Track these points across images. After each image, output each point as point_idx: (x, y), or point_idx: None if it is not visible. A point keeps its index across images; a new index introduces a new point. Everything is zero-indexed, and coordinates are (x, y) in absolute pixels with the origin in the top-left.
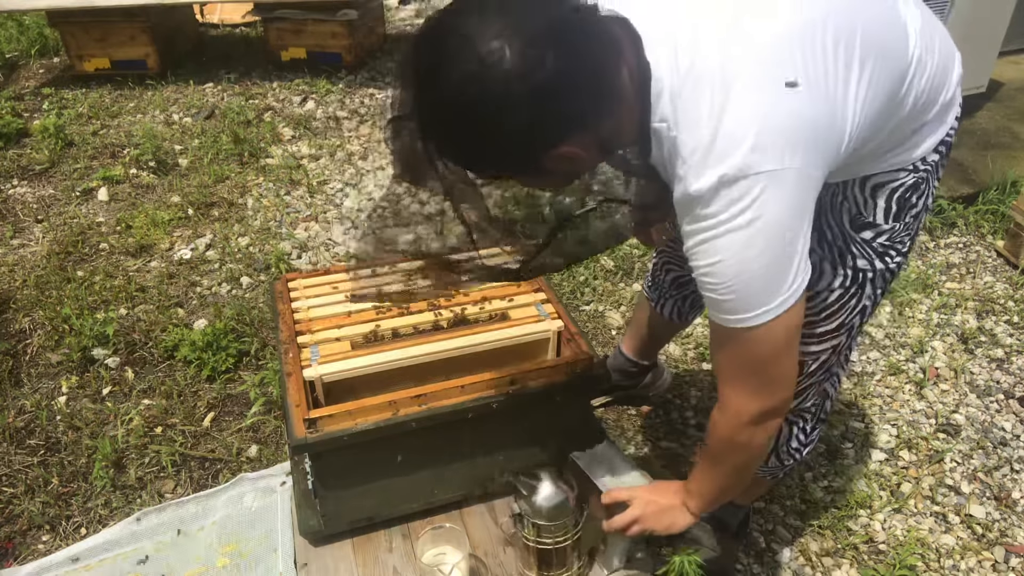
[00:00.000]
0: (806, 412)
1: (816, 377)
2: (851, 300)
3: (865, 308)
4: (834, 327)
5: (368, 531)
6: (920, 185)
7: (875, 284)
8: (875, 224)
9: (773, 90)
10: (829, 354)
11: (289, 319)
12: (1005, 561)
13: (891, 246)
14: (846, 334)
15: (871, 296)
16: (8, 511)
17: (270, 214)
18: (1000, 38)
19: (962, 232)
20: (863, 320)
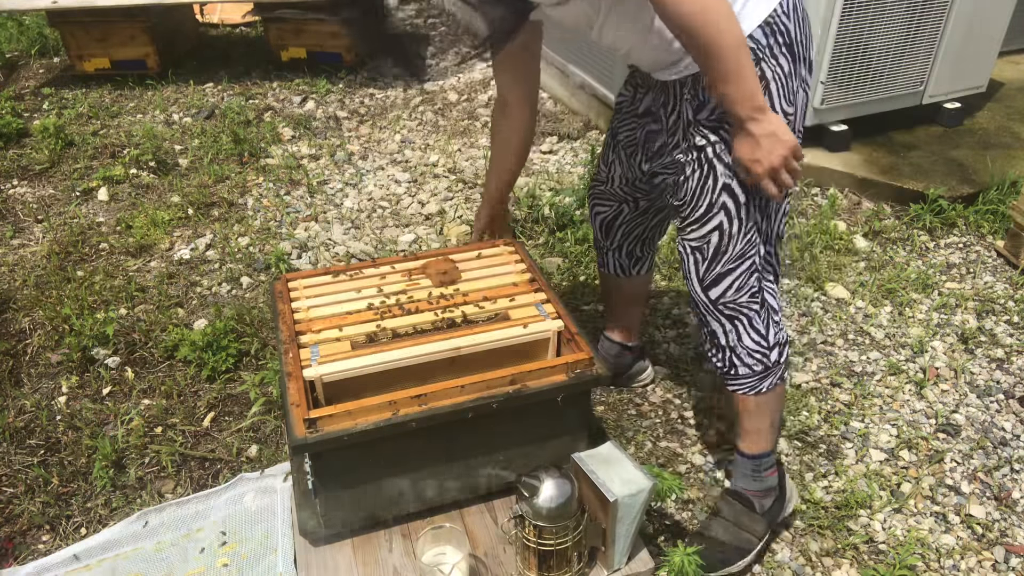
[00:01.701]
0: (740, 306)
1: (721, 261)
2: (706, 182)
3: (727, 185)
4: (704, 210)
5: (368, 531)
6: None
7: (722, 160)
8: (707, 102)
9: None
10: (719, 236)
11: (289, 319)
12: (1005, 561)
13: (722, 120)
14: (723, 213)
15: (726, 173)
16: (8, 511)
17: (270, 214)
18: (1000, 38)
19: (962, 232)
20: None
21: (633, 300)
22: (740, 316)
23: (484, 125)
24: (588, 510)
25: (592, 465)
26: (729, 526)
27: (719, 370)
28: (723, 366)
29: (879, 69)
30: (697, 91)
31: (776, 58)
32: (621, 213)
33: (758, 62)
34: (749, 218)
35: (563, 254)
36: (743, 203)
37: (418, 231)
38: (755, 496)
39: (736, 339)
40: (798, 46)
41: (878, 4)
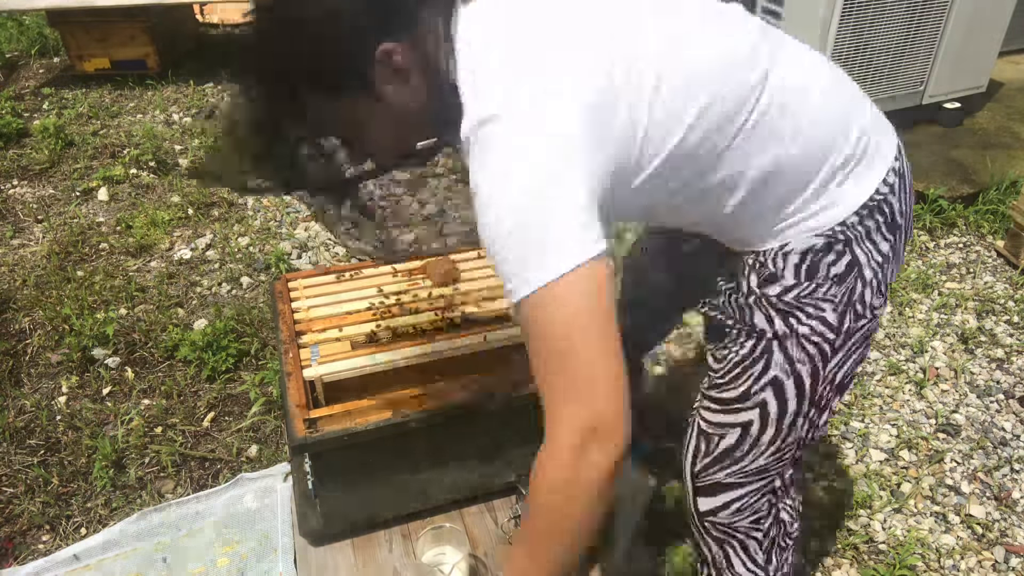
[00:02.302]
0: (736, 530)
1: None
2: (754, 365)
3: (778, 382)
4: (738, 395)
5: (368, 531)
6: (836, 246)
7: (785, 351)
8: (781, 278)
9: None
10: (740, 436)
11: (289, 319)
12: (1005, 561)
13: (798, 307)
14: (757, 412)
15: (784, 368)
16: (8, 511)
17: (270, 214)
18: (1000, 38)
19: (962, 232)
20: (783, 404)
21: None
22: (733, 541)
23: None
24: None
25: None
26: None
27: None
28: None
29: (879, 69)
30: (768, 259)
31: (874, 241)
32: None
33: (848, 244)
34: (792, 431)
35: None
36: (792, 411)
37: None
38: None
39: (724, 565)
40: (902, 217)
41: (878, 4)
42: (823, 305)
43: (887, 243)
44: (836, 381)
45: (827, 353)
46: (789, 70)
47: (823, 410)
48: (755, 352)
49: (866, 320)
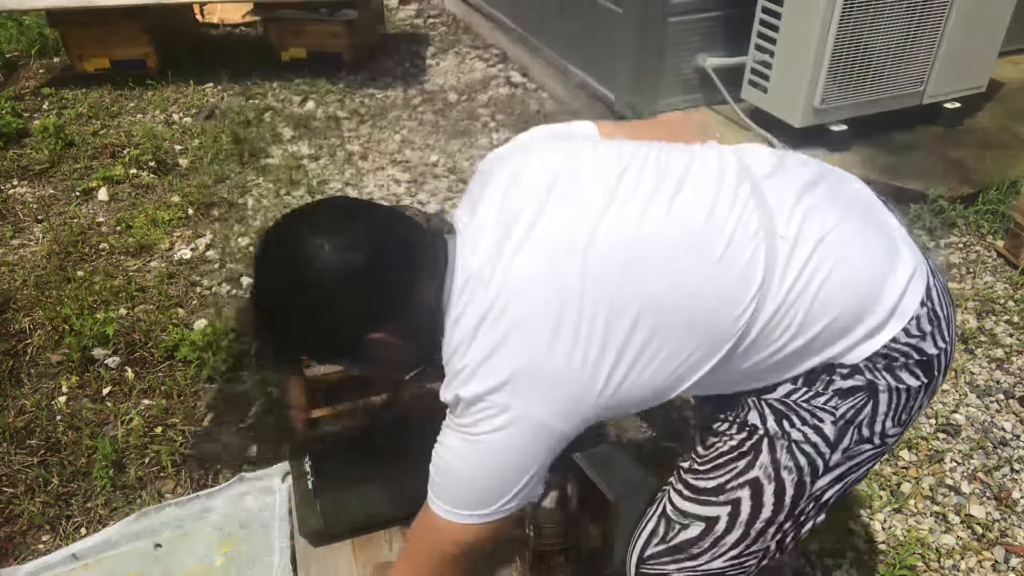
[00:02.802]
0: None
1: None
2: (738, 460)
3: (758, 483)
4: (713, 487)
5: (368, 531)
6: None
7: (774, 454)
8: (780, 384)
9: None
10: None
11: None
12: (1005, 561)
13: (795, 410)
14: (728, 510)
15: (768, 472)
16: (8, 511)
17: (270, 214)
18: (1000, 38)
19: (962, 232)
20: (757, 509)
21: None
22: None
23: (484, 125)
24: (588, 510)
25: (592, 465)
26: None
27: None
28: None
29: (879, 69)
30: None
31: (897, 376)
32: None
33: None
34: (757, 540)
35: None
36: (764, 518)
37: None
38: None
39: None
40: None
41: (878, 4)
42: (821, 415)
43: (915, 378)
44: (822, 500)
45: (818, 468)
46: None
47: (799, 527)
48: (743, 447)
49: (871, 446)
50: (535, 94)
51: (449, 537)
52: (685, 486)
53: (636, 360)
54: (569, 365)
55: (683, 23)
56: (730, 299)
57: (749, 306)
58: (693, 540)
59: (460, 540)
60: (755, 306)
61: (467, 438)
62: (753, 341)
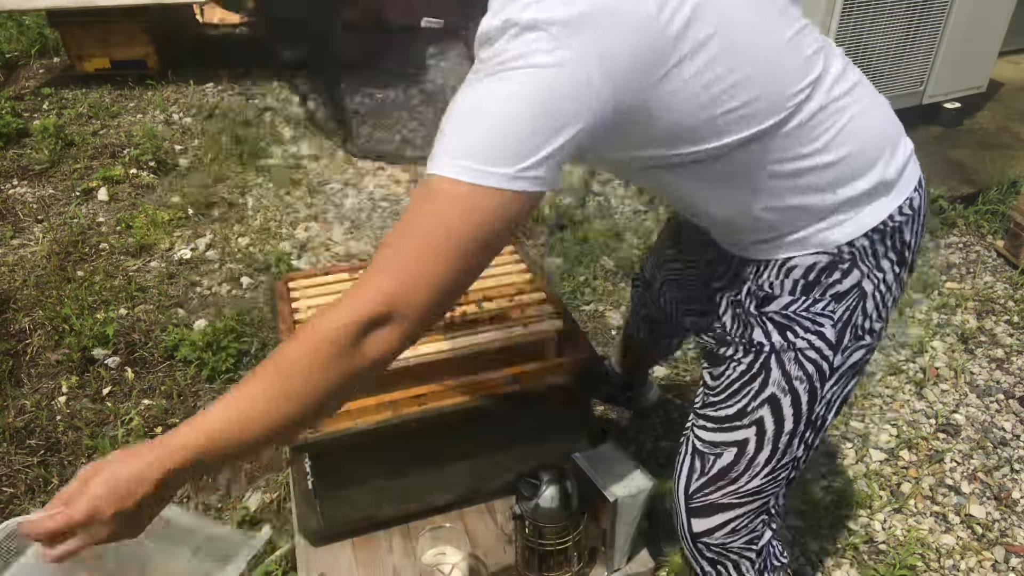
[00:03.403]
0: (730, 551)
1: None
2: (752, 382)
3: (775, 399)
4: (734, 412)
5: (368, 531)
6: (840, 263)
7: (783, 368)
8: (779, 296)
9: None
10: (736, 455)
11: (289, 319)
12: (1005, 561)
13: (796, 320)
14: (754, 431)
15: (782, 386)
16: (8, 511)
17: (270, 214)
18: (1000, 38)
19: (962, 232)
20: (780, 423)
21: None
22: (726, 561)
23: None
24: (588, 510)
25: (592, 465)
26: None
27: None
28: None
29: (879, 69)
30: (764, 280)
31: (882, 268)
32: (657, 324)
33: (854, 264)
34: (787, 451)
35: (563, 254)
36: (788, 430)
37: None
38: None
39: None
40: (909, 252)
41: (878, 4)
42: (821, 320)
43: (893, 272)
44: (832, 402)
45: (825, 372)
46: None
47: (818, 431)
48: (753, 368)
49: (865, 343)
50: None
51: (457, 205)
52: (707, 420)
53: (701, 71)
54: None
55: None
56: (790, 76)
57: (803, 91)
58: (729, 466)
59: (470, 208)
60: (807, 94)
61: (507, 74)
62: (793, 131)
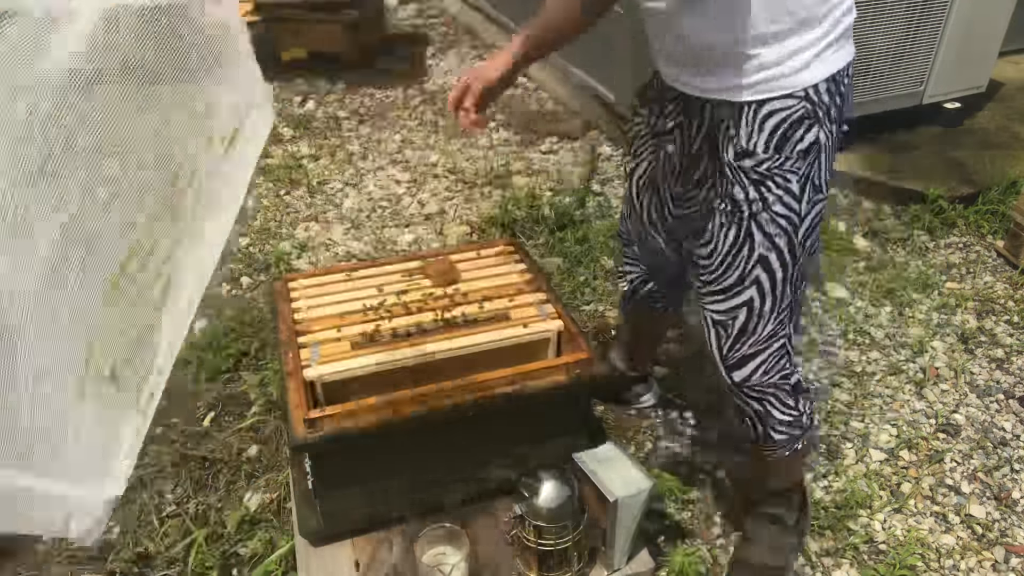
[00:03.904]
0: (767, 387)
1: (750, 342)
2: (741, 250)
3: (763, 257)
4: (734, 280)
5: (368, 531)
6: (806, 120)
7: (763, 230)
8: (753, 152)
9: None
10: (747, 313)
11: (289, 319)
12: (1005, 561)
13: (769, 176)
14: (755, 289)
15: (766, 245)
16: None
17: (270, 214)
18: (1000, 38)
19: (962, 232)
20: (773, 275)
21: (650, 335)
22: (768, 397)
23: None
24: (588, 510)
25: (592, 465)
26: (769, 549)
27: (751, 441)
28: (756, 437)
29: (879, 69)
30: (741, 127)
31: (831, 124)
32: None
33: (816, 121)
34: (784, 296)
35: (563, 254)
36: (780, 279)
37: (418, 231)
38: (785, 515)
39: (766, 415)
40: (845, 112)
41: (878, 4)
42: (789, 177)
43: (836, 129)
44: (807, 245)
45: (796, 223)
46: None
47: (802, 273)
48: (739, 238)
49: (822, 195)
50: (535, 94)
51: None
52: (714, 293)
53: None
54: None
55: None
56: None
57: None
58: (745, 323)
59: None
60: None
61: None
62: None
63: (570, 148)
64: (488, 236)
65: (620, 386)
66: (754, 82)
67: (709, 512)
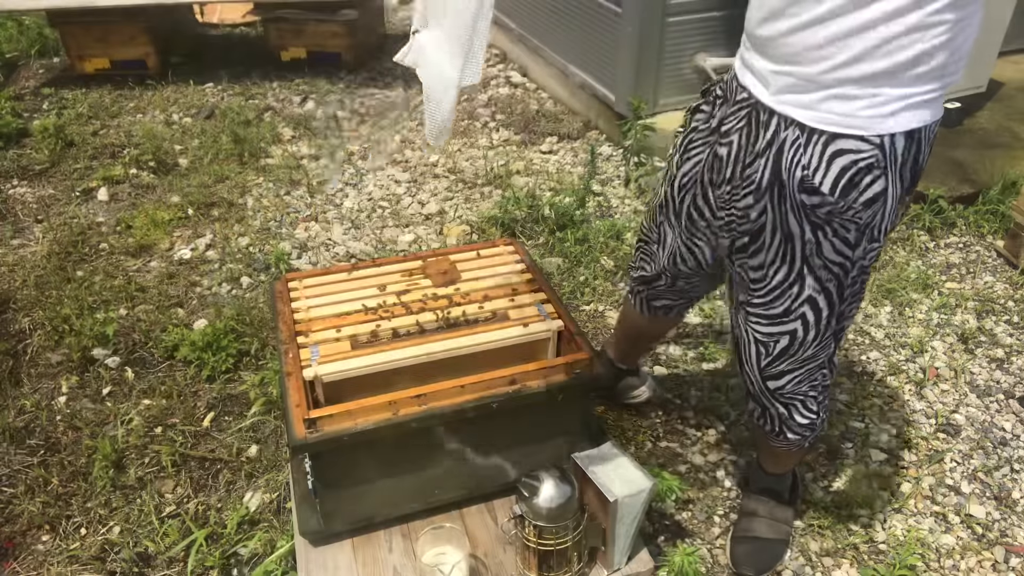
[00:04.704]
0: (797, 394)
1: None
2: (790, 288)
3: (812, 299)
4: (781, 311)
5: (368, 531)
6: (875, 168)
7: (815, 274)
8: (819, 190)
9: None
10: (790, 340)
11: (289, 319)
12: (1005, 561)
13: (828, 221)
14: (800, 323)
15: (815, 288)
16: (8, 511)
17: (270, 214)
18: (1000, 38)
19: (962, 232)
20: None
21: (647, 335)
22: (795, 402)
23: (484, 125)
24: (588, 510)
25: (592, 465)
26: (769, 522)
27: (764, 432)
28: (771, 431)
29: None
30: (811, 158)
31: (903, 177)
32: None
33: (884, 172)
34: (828, 327)
35: (563, 254)
36: (826, 315)
37: (418, 231)
38: (781, 490)
39: (788, 418)
40: (920, 171)
41: None
42: (849, 226)
43: (904, 184)
44: (856, 288)
45: (848, 269)
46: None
47: (852, 305)
48: (789, 276)
49: (878, 244)
50: (535, 94)
51: None
52: (759, 316)
53: None
54: None
55: (683, 23)
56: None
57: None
58: (786, 347)
59: None
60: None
61: None
62: None
63: (570, 148)
64: (488, 236)
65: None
66: (834, 112)
67: (709, 512)
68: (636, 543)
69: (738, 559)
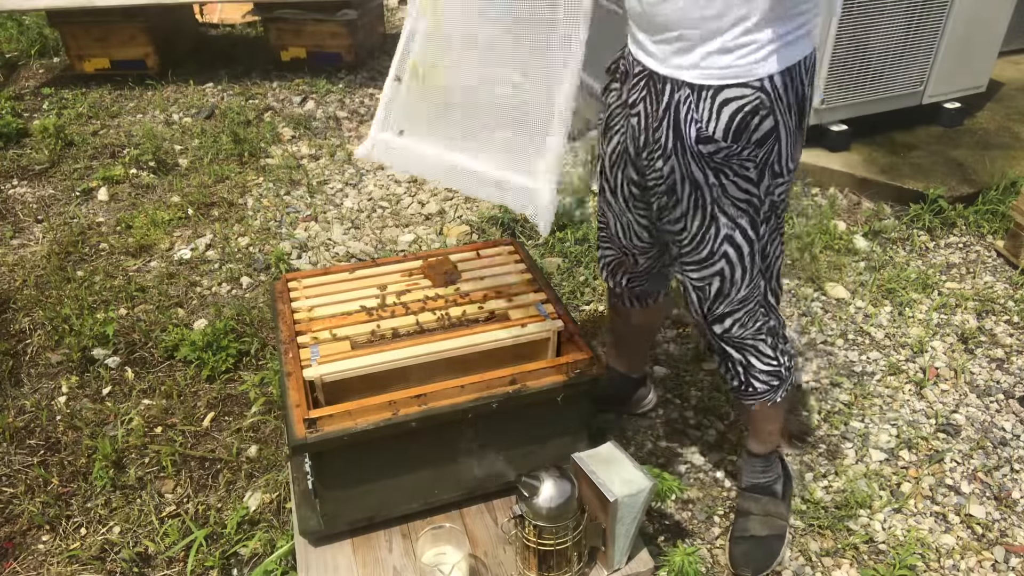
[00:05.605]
0: (746, 338)
1: (725, 302)
2: (707, 231)
3: (729, 236)
4: (705, 255)
5: (368, 531)
6: (762, 108)
7: (726, 213)
8: (713, 139)
9: None
10: (721, 280)
11: (289, 319)
12: (1005, 561)
13: (727, 163)
14: (725, 261)
15: (729, 225)
16: (8, 511)
17: (270, 214)
18: (1000, 38)
19: (962, 232)
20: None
21: (642, 331)
22: (748, 347)
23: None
24: (588, 510)
25: (592, 465)
26: (763, 519)
27: (734, 388)
28: (738, 384)
29: (879, 69)
30: (703, 111)
31: (789, 114)
32: (624, 263)
33: (770, 112)
34: (753, 264)
35: (563, 254)
36: (747, 252)
37: (418, 231)
38: (771, 484)
39: (748, 364)
40: (806, 103)
41: (878, 4)
42: (747, 164)
43: (794, 117)
44: (772, 224)
45: (756, 204)
46: None
47: (772, 242)
48: (704, 220)
49: (783, 179)
50: None
51: None
52: (688, 264)
53: None
54: None
55: None
56: None
57: None
58: (719, 289)
59: None
60: None
61: None
62: None
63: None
64: (488, 236)
65: (623, 392)
66: (715, 66)
67: (709, 512)
68: (636, 543)
69: (736, 560)
